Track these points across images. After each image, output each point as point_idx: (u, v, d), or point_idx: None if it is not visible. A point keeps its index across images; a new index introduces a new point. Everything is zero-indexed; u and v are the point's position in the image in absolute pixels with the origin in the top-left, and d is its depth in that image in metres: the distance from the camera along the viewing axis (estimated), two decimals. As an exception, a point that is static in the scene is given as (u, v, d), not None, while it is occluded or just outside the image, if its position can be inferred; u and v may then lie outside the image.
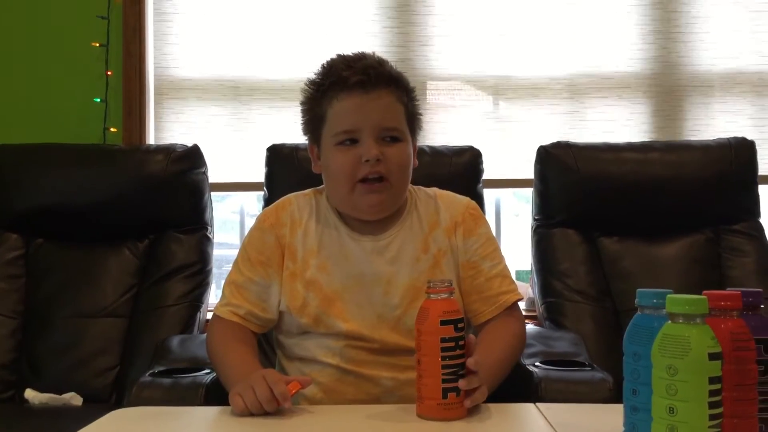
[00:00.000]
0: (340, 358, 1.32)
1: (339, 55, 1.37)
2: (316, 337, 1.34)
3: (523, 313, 2.55)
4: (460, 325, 1.07)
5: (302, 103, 1.40)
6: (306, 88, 1.38)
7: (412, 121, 1.39)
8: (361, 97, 1.30)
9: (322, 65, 1.37)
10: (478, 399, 1.10)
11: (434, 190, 1.47)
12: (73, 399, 1.94)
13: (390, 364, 1.32)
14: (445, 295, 1.08)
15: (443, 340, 1.06)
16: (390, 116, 1.33)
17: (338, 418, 1.16)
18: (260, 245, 1.38)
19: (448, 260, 1.38)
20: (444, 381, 1.07)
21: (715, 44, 2.73)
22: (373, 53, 1.38)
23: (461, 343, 1.07)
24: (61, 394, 1.95)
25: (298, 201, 1.42)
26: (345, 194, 1.34)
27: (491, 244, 1.41)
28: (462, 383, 1.07)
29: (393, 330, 1.32)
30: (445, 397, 1.06)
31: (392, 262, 1.36)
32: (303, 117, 1.40)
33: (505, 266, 1.42)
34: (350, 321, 1.32)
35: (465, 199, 1.46)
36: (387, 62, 1.37)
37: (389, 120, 1.33)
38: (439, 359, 1.06)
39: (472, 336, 1.13)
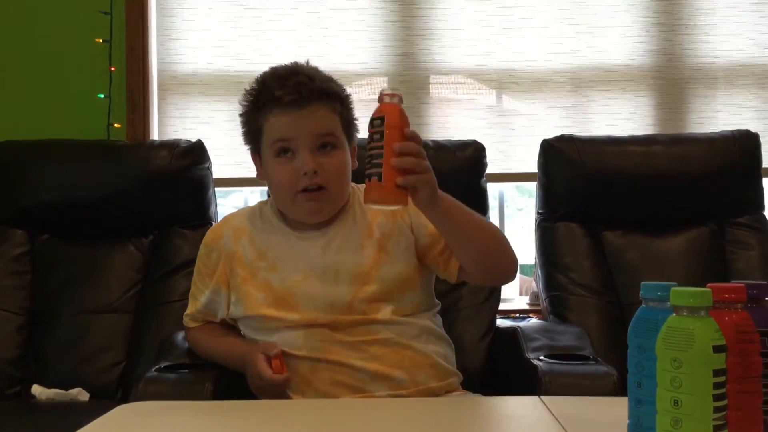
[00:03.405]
0: (306, 350, 1.37)
1: (271, 70, 1.45)
2: (279, 332, 1.40)
3: (528, 307, 2.59)
4: (375, 122, 1.18)
5: (240, 116, 1.48)
6: (243, 100, 1.47)
7: (348, 127, 1.46)
8: (295, 113, 1.38)
9: (256, 80, 1.46)
10: (411, 181, 1.17)
11: None
12: (80, 394, 1.95)
13: (353, 344, 1.37)
14: (379, 101, 1.20)
15: (368, 137, 1.20)
16: (324, 126, 1.40)
17: (345, 409, 1.16)
18: (206, 259, 1.52)
19: (395, 241, 1.44)
20: (365, 169, 1.19)
21: (719, 36, 2.72)
22: (307, 62, 1.46)
23: (375, 136, 1.18)
24: (67, 390, 1.95)
25: (241, 213, 1.56)
26: (287, 203, 1.43)
27: None
28: (395, 161, 1.16)
29: (346, 313, 1.38)
30: (369, 180, 1.18)
31: (338, 251, 1.42)
32: (242, 128, 1.49)
33: None
34: (303, 312, 1.38)
35: None
36: (319, 75, 1.44)
37: (323, 128, 1.40)
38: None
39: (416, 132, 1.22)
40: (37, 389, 1.97)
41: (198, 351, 1.56)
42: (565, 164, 2.23)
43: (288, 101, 1.37)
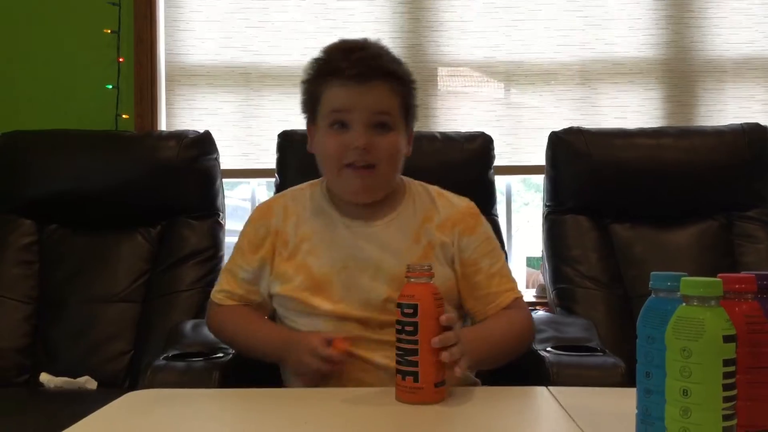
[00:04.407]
0: None
1: (340, 41, 1.41)
2: (311, 317, 1.37)
3: (534, 299, 2.58)
4: (407, 311, 1.08)
5: (302, 83, 1.45)
6: (307, 68, 1.43)
7: (408, 111, 1.41)
8: (355, 87, 1.34)
9: (323, 49, 1.42)
10: (454, 369, 1.11)
11: (434, 188, 1.50)
12: (88, 383, 1.96)
13: (381, 342, 1.33)
14: (411, 279, 1.11)
15: (397, 323, 1.10)
16: (382, 104, 1.36)
17: (350, 397, 1.16)
18: (252, 236, 1.45)
19: (438, 254, 1.40)
20: (397, 363, 1.10)
21: (729, 29, 2.71)
22: (378, 41, 1.41)
23: (408, 328, 1.08)
24: (75, 378, 1.96)
25: (292, 193, 1.50)
26: (333, 176, 1.40)
27: (490, 243, 1.45)
28: (444, 355, 1.09)
29: (380, 312, 1.35)
30: (403, 379, 1.09)
31: (382, 248, 1.39)
32: (302, 96, 1.46)
33: (505, 265, 1.45)
34: (337, 303, 1.35)
35: (465, 200, 1.49)
36: (386, 54, 1.40)
37: (381, 105, 1.36)
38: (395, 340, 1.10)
39: (452, 316, 1.16)
40: (45, 377, 1.98)
41: (223, 329, 1.46)
42: (573, 157, 2.23)
43: (350, 74, 1.33)
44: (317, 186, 1.48)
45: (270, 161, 2.30)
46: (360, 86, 1.34)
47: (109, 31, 2.63)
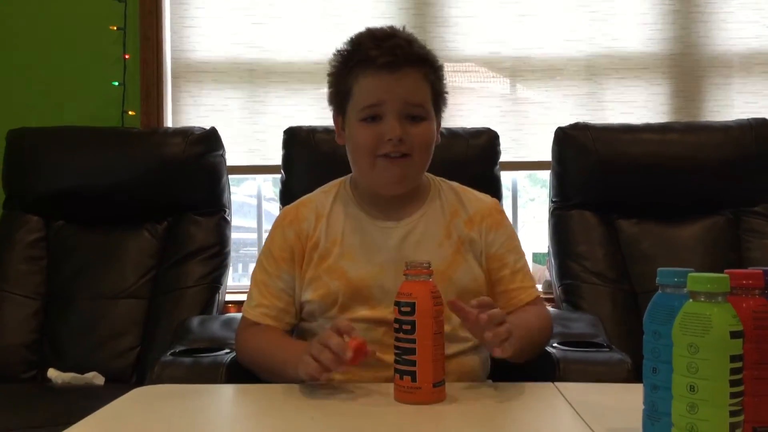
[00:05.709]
0: None
1: (368, 30, 1.37)
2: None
3: (541, 295, 2.57)
4: (404, 309, 1.07)
5: (329, 75, 1.41)
6: (333, 59, 1.39)
7: (438, 99, 1.39)
8: (388, 77, 1.31)
9: (351, 38, 1.38)
10: (507, 349, 1.09)
11: (457, 184, 1.49)
12: (95, 378, 1.97)
13: None
14: (410, 277, 1.09)
15: (394, 321, 1.09)
16: (415, 93, 1.33)
17: (353, 393, 1.16)
18: (282, 242, 1.40)
19: (467, 249, 1.39)
20: (395, 362, 1.08)
21: (735, 24, 2.70)
22: (404, 28, 1.38)
23: (405, 327, 1.06)
24: (83, 374, 1.97)
25: (318, 197, 1.45)
26: (366, 168, 1.36)
27: (515, 240, 1.45)
28: (488, 335, 1.07)
29: None
30: (401, 378, 1.08)
31: (416, 246, 1.37)
32: (329, 88, 1.42)
33: (527, 263, 1.46)
34: (375, 307, 1.33)
35: (489, 197, 1.49)
36: (416, 40, 1.37)
37: (414, 96, 1.33)
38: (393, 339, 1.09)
39: (485, 298, 1.14)
40: (53, 373, 1.99)
41: (249, 351, 1.37)
42: (579, 152, 2.22)
43: (382, 63, 1.29)
44: (339, 186, 1.45)
45: (276, 157, 2.30)
46: (392, 74, 1.30)
47: (115, 28, 2.63)
